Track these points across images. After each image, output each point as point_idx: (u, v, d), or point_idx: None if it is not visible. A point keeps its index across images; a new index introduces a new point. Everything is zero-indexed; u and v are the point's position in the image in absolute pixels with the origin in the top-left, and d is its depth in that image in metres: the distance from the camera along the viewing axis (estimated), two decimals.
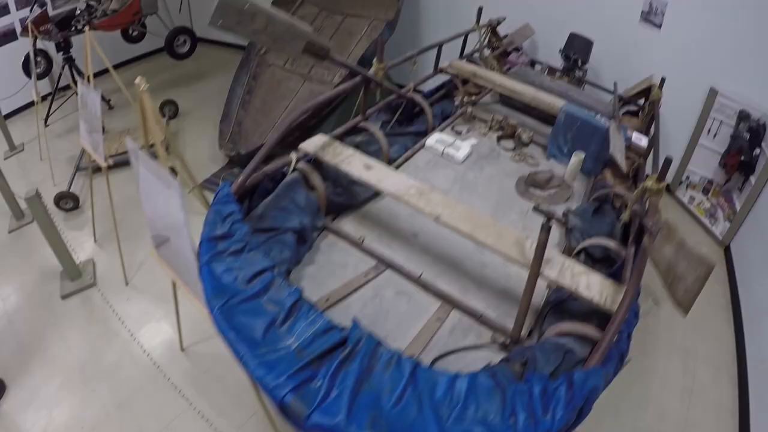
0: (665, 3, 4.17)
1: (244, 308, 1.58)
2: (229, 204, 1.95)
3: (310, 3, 5.41)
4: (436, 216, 2.11)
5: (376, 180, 2.29)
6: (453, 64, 3.66)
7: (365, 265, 2.27)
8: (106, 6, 5.31)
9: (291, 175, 2.42)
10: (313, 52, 2.11)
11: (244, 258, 1.76)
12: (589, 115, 3.25)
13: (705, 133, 4.34)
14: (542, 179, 2.93)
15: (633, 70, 4.41)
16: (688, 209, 4.59)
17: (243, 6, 1.75)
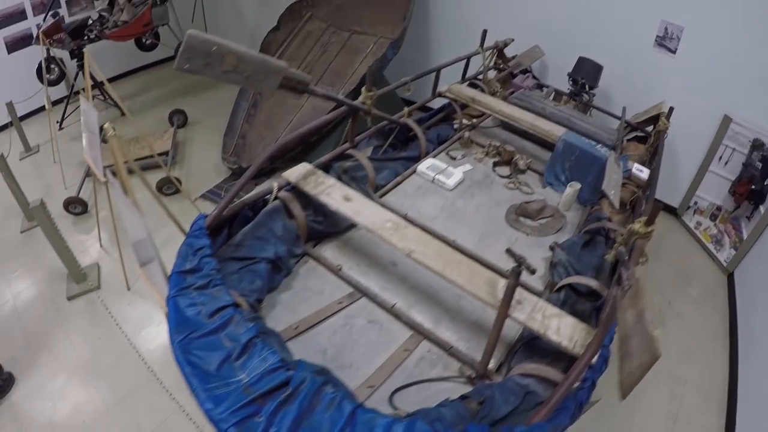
0: (681, 28, 4.12)
1: (203, 343, 1.64)
2: (201, 238, 2.00)
3: (318, 19, 5.50)
4: (409, 252, 2.13)
5: (353, 212, 2.32)
6: (452, 89, 3.66)
7: (341, 293, 2.30)
8: (118, 17, 5.51)
9: (272, 204, 2.47)
10: (290, 87, 2.13)
11: (208, 293, 1.80)
12: (589, 144, 3.23)
13: (716, 160, 4.31)
14: (533, 209, 2.92)
15: (645, 95, 4.37)
16: (694, 234, 4.58)
17: (210, 48, 1.75)
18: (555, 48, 4.80)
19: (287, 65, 2.08)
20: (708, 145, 4.33)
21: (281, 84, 2.11)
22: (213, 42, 1.78)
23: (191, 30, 1.71)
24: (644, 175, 3.11)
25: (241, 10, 7.74)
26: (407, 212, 2.78)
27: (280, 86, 2.11)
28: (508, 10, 5.11)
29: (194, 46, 1.73)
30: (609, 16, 4.48)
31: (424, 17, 5.77)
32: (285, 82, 2.12)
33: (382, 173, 3.06)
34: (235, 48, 1.85)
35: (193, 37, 1.72)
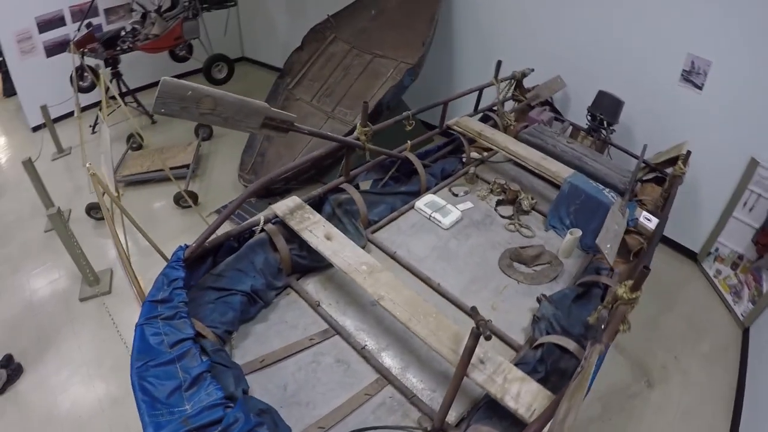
0: (708, 63, 4.00)
1: (159, 371, 1.74)
2: (177, 270, 2.11)
3: (342, 40, 5.64)
4: (378, 297, 2.17)
5: (331, 252, 2.38)
6: (459, 122, 3.67)
7: (316, 329, 2.36)
8: (149, 30, 5.83)
9: (258, 236, 2.57)
10: (273, 127, 2.23)
11: (173, 324, 1.91)
12: (596, 188, 3.18)
13: (740, 205, 4.15)
14: (529, 255, 2.89)
15: (668, 133, 4.26)
16: (713, 283, 4.42)
17: (185, 93, 1.85)
18: (576, 79, 4.76)
19: (268, 106, 2.17)
20: (732, 189, 4.18)
21: (263, 124, 2.21)
22: (187, 87, 1.88)
23: (164, 77, 1.83)
24: (652, 224, 3.02)
25: (275, 26, 8.03)
26: (396, 251, 2.82)
27: (262, 126, 2.21)
28: (530, 38, 5.12)
29: (168, 92, 1.84)
30: (634, 48, 4.41)
31: (448, 43, 5.85)
32: (267, 122, 2.22)
33: (378, 208, 3.10)
34: (211, 91, 1.95)
35: (166, 83, 1.83)
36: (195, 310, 2.18)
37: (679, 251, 4.80)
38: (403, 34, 5.42)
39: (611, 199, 3.09)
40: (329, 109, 5.20)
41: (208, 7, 6.25)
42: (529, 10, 5.06)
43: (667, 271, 4.55)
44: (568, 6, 4.75)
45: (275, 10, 7.94)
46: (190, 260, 2.28)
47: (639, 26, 4.32)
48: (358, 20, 5.82)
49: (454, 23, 5.72)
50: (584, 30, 4.71)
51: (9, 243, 5.04)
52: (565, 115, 4.78)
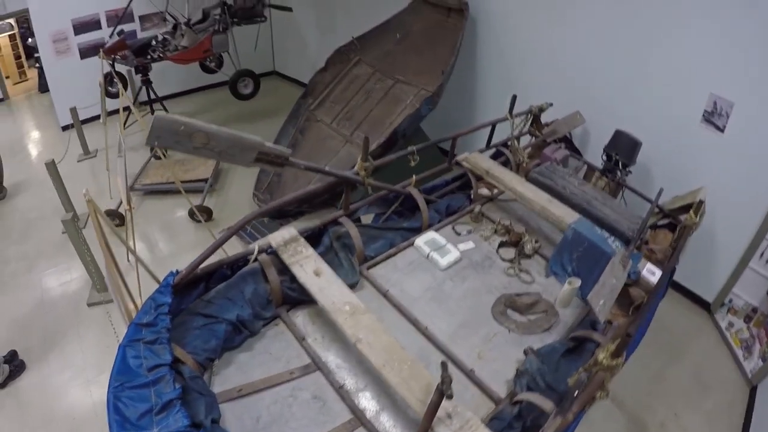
0: (731, 104, 3.96)
1: (134, 393, 1.86)
2: (165, 295, 2.23)
3: (366, 63, 5.78)
4: (356, 340, 2.24)
5: (317, 289, 2.47)
6: (469, 158, 3.71)
7: (298, 363, 2.43)
8: (179, 41, 6.11)
9: (251, 265, 2.68)
10: (267, 161, 2.34)
11: (153, 349, 2.02)
12: (600, 237, 3.17)
13: (757, 256, 4.08)
14: (523, 303, 2.89)
15: (686, 175, 4.25)
16: (724, 336, 4.35)
17: (178, 128, 1.97)
18: (595, 116, 4.76)
19: (262, 141, 2.29)
20: (750, 238, 4.12)
21: (257, 158, 2.33)
22: (180, 122, 2.01)
23: (158, 113, 1.98)
24: (655, 278, 3.00)
25: (305, 43, 8.30)
26: (389, 289, 2.88)
27: (256, 160, 2.33)
28: (552, 71, 5.18)
29: (161, 127, 1.98)
30: (656, 86, 4.41)
31: (470, 71, 5.96)
32: (261, 157, 2.33)
33: (377, 243, 3.16)
34: (204, 126, 2.08)
35: (159, 120, 1.97)
36: (181, 334, 2.30)
37: (692, 300, 4.74)
38: (426, 59, 5.53)
39: (615, 249, 3.08)
40: (348, 132, 5.34)
41: (238, 22, 6.51)
42: (553, 44, 5.12)
43: (678, 321, 4.49)
44: (592, 43, 4.79)
45: (306, 26, 8.21)
46: (182, 285, 2.41)
47: (662, 64, 4.32)
48: (383, 43, 5.95)
49: (477, 51, 5.82)
50: (606, 66, 4.74)
51: (28, 240, 5.35)
52: (582, 152, 4.78)
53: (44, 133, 7.80)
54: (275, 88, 8.86)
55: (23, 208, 5.89)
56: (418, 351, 2.56)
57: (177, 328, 2.32)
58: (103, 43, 6.64)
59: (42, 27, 6.74)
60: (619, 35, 4.57)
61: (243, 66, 7.01)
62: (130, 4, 6.49)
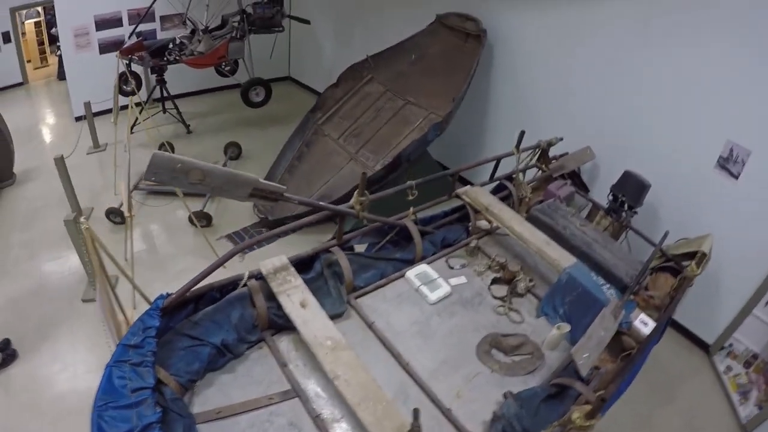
0: (748, 152, 3.98)
1: (117, 413, 1.95)
2: (153, 318, 2.32)
3: (378, 82, 5.87)
4: (334, 376, 2.32)
5: (301, 321, 2.55)
6: (469, 192, 3.75)
7: (278, 388, 2.50)
8: (195, 47, 6.26)
9: (240, 290, 2.77)
10: (262, 197, 2.45)
11: (138, 371, 2.12)
12: (594, 284, 3.19)
13: (762, 304, 4.11)
14: (509, 344, 2.91)
15: (695, 220, 4.29)
16: (721, 380, 4.36)
17: (175, 165, 2.08)
18: (606, 153, 4.80)
19: (257, 178, 2.39)
20: (756, 286, 4.14)
21: (252, 194, 2.43)
22: (177, 160, 2.13)
23: (156, 152, 2.08)
24: (646, 330, 3.00)
25: (321, 53, 8.46)
26: (375, 321, 2.93)
27: (251, 195, 2.44)
28: (566, 105, 5.24)
29: (158, 164, 2.09)
30: (670, 127, 4.44)
31: (483, 96, 6.02)
32: (256, 192, 2.44)
33: (368, 272, 3.21)
34: (199, 164, 2.19)
35: (157, 157, 2.07)
36: (167, 354, 2.39)
37: (691, 340, 4.76)
38: (439, 83, 5.61)
39: (608, 297, 3.09)
40: (354, 150, 5.43)
41: (256, 31, 6.64)
42: (568, 78, 5.19)
43: (675, 361, 4.51)
44: (608, 80, 4.84)
45: (324, 37, 8.38)
46: (170, 307, 2.51)
47: (679, 106, 4.36)
48: (397, 63, 6.05)
49: (492, 79, 5.90)
50: (621, 105, 4.79)
51: (32, 228, 5.53)
52: (590, 186, 4.82)
53: (58, 122, 8.02)
54: (288, 94, 9.01)
55: (31, 196, 6.07)
56: (397, 386, 2.63)
57: (164, 347, 2.41)
58: (122, 41, 6.83)
59: (65, 21, 6.97)
60: (636, 73, 4.61)
61: (258, 71, 7.14)
62: (153, 4, 6.66)
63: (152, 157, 2.07)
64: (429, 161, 5.51)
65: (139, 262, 4.98)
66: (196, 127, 7.55)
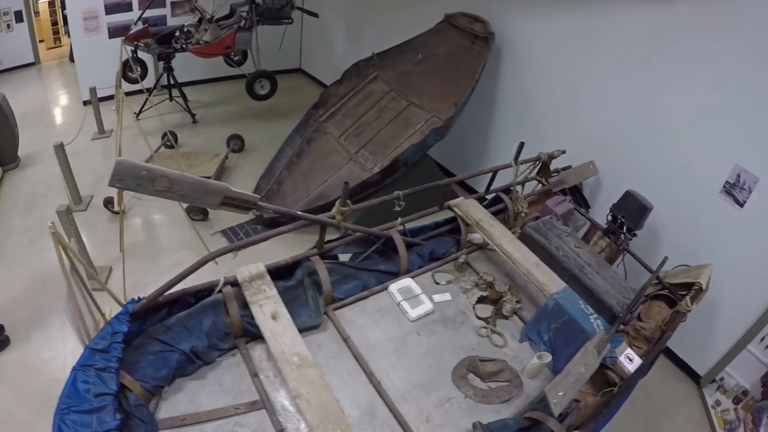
0: (756, 179, 3.88)
1: (78, 417, 2.00)
2: (122, 323, 2.34)
3: (383, 80, 5.84)
4: (297, 394, 2.31)
5: (271, 333, 2.53)
6: (461, 204, 3.68)
7: (247, 398, 2.50)
8: (201, 35, 6.28)
9: (214, 296, 2.77)
10: (234, 205, 2.43)
11: (102, 376, 2.15)
12: (582, 313, 3.09)
13: (757, 340, 4.04)
14: (487, 370, 2.86)
15: (695, 247, 4.23)
16: (708, 414, 4.29)
17: (140, 172, 2.07)
18: (610, 170, 4.73)
19: (228, 187, 2.37)
20: (753, 321, 4.06)
21: (223, 202, 2.42)
22: (142, 167, 2.11)
23: (119, 159, 2.08)
24: (631, 367, 2.92)
25: (332, 46, 8.46)
26: (351, 335, 2.91)
27: (222, 204, 2.42)
28: (570, 118, 5.18)
29: (123, 171, 2.07)
30: (677, 147, 4.36)
31: (489, 105, 5.96)
32: (228, 201, 2.42)
33: (349, 284, 3.18)
34: (167, 172, 2.17)
35: (121, 164, 2.06)
36: (136, 358, 2.41)
37: (682, 369, 4.70)
38: (444, 85, 5.55)
39: (595, 328, 3.00)
40: (354, 150, 5.41)
41: (264, 21, 6.64)
42: (575, 90, 5.12)
43: (662, 389, 4.45)
44: (617, 97, 4.76)
45: (335, 31, 8.36)
46: (143, 311, 2.52)
47: (687, 126, 4.27)
48: (403, 62, 6.00)
49: (498, 84, 5.83)
50: (627, 121, 4.71)
51: (32, 214, 5.60)
52: (591, 203, 4.75)
53: (66, 105, 8.11)
54: (298, 86, 9.01)
55: (33, 180, 6.15)
56: (366, 405, 2.61)
57: (135, 350, 2.45)
58: (131, 25, 6.87)
59: (75, 3, 7.01)
60: (645, 92, 4.52)
61: (268, 62, 7.16)
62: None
63: (116, 164, 2.07)
64: (429, 166, 5.47)
65: (133, 254, 5.05)
66: (201, 117, 7.59)
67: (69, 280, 2.90)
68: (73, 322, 2.89)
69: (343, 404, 2.53)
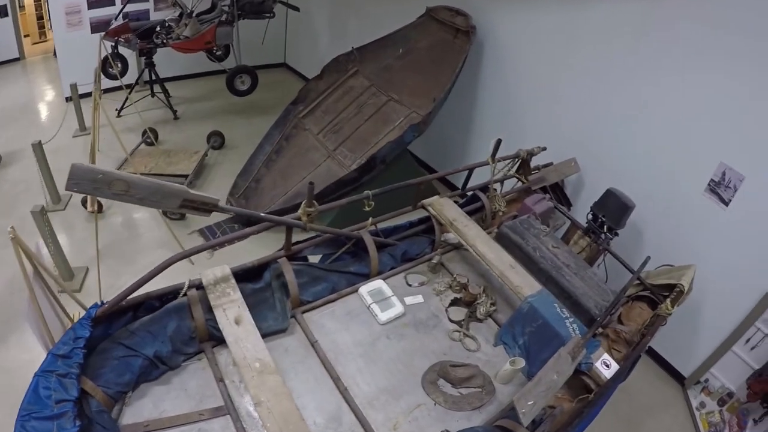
0: (741, 177, 3.85)
1: (39, 423, 1.98)
2: (84, 328, 2.32)
3: (363, 75, 5.80)
4: (257, 401, 2.28)
5: (233, 338, 2.50)
6: (435, 203, 3.64)
7: (212, 403, 2.48)
8: (181, 30, 6.24)
9: (179, 299, 2.74)
10: (193, 207, 2.41)
11: (63, 382, 2.13)
12: (557, 316, 3.04)
13: (742, 341, 4.04)
14: (457, 376, 2.81)
15: (678, 247, 4.20)
16: (693, 416, 4.29)
17: (96, 176, 2.05)
18: (592, 167, 4.70)
19: (186, 189, 2.34)
20: (738, 322, 4.05)
21: (182, 205, 2.39)
22: (98, 171, 2.09)
23: (75, 163, 2.05)
24: (608, 373, 2.87)
25: (316, 41, 8.44)
26: (319, 339, 2.87)
27: (181, 206, 2.39)
28: (552, 114, 5.14)
29: (78, 175, 2.06)
30: (663, 144, 4.33)
31: (471, 99, 5.92)
32: (187, 203, 2.40)
33: (318, 286, 3.15)
34: (123, 175, 2.16)
35: (76, 168, 2.04)
36: (100, 363, 2.39)
37: (667, 370, 4.69)
38: (425, 80, 5.52)
39: (571, 333, 2.95)
40: (332, 147, 5.38)
41: (245, 16, 6.59)
42: (557, 86, 5.08)
43: (647, 391, 4.43)
44: (599, 93, 4.73)
45: (319, 25, 8.33)
46: (107, 315, 2.50)
47: (671, 122, 4.24)
48: (383, 57, 5.97)
49: (480, 79, 5.80)
50: (611, 118, 4.68)
51: (11, 214, 5.53)
52: (573, 201, 4.72)
53: (50, 102, 8.05)
54: (282, 81, 8.95)
55: (13, 179, 6.10)
56: (332, 411, 2.58)
57: (99, 355, 2.43)
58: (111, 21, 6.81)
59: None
60: (629, 88, 4.49)
61: (251, 57, 7.13)
62: None
63: (71, 168, 2.05)
64: (408, 163, 5.46)
65: (110, 254, 5.01)
66: (183, 113, 7.54)
67: (30, 286, 2.86)
68: (36, 329, 2.86)
69: (308, 410, 2.54)
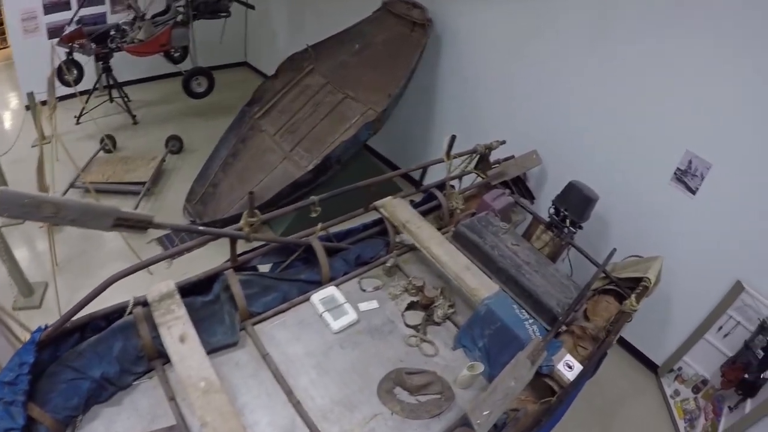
0: (708, 165, 3.87)
1: None
2: (29, 353, 2.29)
3: (319, 74, 5.77)
4: (203, 422, 2.25)
5: (178, 357, 2.46)
6: (387, 205, 3.59)
7: (164, 422, 2.45)
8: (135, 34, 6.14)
9: (125, 318, 2.68)
10: (128, 226, 2.37)
11: (9, 410, 2.12)
12: (516, 318, 3.04)
13: (715, 329, 4.09)
14: (414, 383, 2.79)
15: (646, 238, 4.22)
16: (668, 404, 4.34)
17: (23, 201, 2.04)
18: (554, 160, 4.69)
19: (118, 208, 2.30)
20: (710, 310, 4.10)
21: (116, 224, 2.35)
22: (24, 196, 2.07)
23: (1, 187, 2.02)
24: (571, 375, 2.87)
25: (275, 38, 8.41)
26: (270, 351, 2.83)
27: (114, 225, 2.35)
28: (512, 107, 5.12)
29: (6, 200, 2.04)
30: (626, 133, 4.31)
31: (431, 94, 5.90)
32: (121, 222, 2.35)
33: (268, 296, 3.10)
34: (50, 198, 2.13)
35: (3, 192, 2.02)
36: (48, 387, 2.37)
37: (639, 359, 4.73)
38: (381, 76, 5.49)
39: (530, 335, 2.94)
40: (288, 148, 5.35)
41: (200, 16, 6.49)
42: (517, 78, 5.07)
43: (619, 381, 4.46)
44: (558, 82, 4.72)
45: (278, 22, 8.28)
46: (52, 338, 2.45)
47: (635, 110, 4.22)
48: (340, 53, 5.93)
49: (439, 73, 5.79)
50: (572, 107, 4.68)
51: None
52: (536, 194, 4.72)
53: (11, 110, 7.89)
54: (243, 81, 8.82)
55: None
56: (284, 427, 2.56)
57: (47, 379, 2.40)
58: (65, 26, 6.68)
59: (12, 3, 6.79)
60: (588, 76, 4.48)
61: (210, 57, 7.06)
62: None
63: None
64: (367, 161, 5.46)
65: (68, 268, 4.93)
66: (142, 117, 7.42)
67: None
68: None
69: (260, 426, 2.53)
